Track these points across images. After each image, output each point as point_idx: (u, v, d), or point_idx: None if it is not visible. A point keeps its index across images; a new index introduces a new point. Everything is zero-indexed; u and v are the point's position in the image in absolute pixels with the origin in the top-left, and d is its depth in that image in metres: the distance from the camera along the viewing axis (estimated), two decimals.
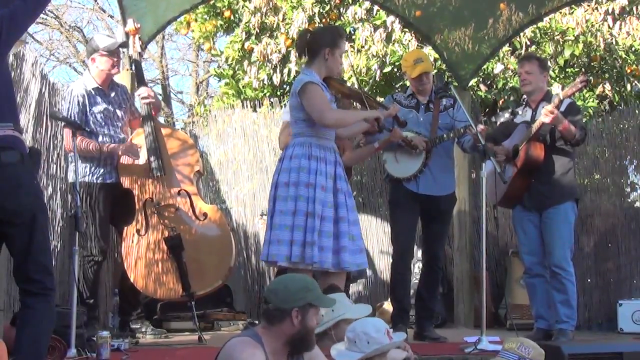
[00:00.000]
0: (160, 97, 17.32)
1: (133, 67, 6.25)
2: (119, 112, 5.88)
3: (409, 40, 9.03)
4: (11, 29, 3.85)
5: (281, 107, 8.49)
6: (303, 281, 3.69)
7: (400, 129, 5.69)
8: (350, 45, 9.21)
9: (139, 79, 6.14)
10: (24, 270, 3.82)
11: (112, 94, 5.87)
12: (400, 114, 5.62)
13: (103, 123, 5.76)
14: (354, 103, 5.62)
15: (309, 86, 4.88)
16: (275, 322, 3.56)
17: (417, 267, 6.97)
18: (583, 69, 9.24)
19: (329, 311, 4.14)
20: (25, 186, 3.79)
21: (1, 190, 3.70)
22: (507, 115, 6.05)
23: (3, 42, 3.85)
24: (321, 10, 9.49)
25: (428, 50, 8.45)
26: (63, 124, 5.66)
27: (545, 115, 5.54)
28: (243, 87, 10.21)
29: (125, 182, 5.83)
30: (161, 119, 15.42)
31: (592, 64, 9.31)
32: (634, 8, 9.32)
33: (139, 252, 5.82)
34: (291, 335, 3.55)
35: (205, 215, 5.93)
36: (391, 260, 6.05)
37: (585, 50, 9.13)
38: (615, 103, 9.28)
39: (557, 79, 9.12)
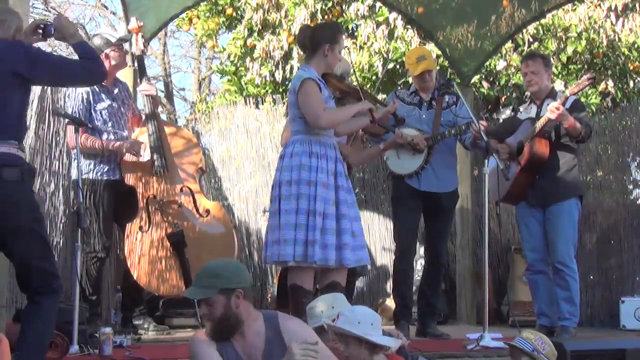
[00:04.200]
0: (162, 94, 17.43)
1: (136, 64, 6.26)
2: (122, 109, 5.89)
3: (412, 37, 9.03)
4: (42, 72, 4.03)
5: (283, 103, 8.49)
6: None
7: (399, 126, 5.70)
8: (353, 42, 9.21)
9: (141, 76, 6.15)
10: (27, 279, 3.90)
11: (116, 91, 5.87)
12: (401, 112, 5.62)
13: (107, 120, 5.76)
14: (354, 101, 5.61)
15: (306, 83, 4.87)
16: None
17: (419, 264, 6.97)
18: (586, 66, 9.23)
19: (328, 307, 4.15)
20: (25, 204, 3.90)
21: (1, 206, 3.80)
22: (508, 112, 6.05)
23: (31, 79, 4.01)
24: (323, 7, 9.49)
25: (430, 47, 8.44)
26: (66, 120, 5.67)
27: (551, 112, 5.53)
28: (245, 83, 10.21)
29: (129, 179, 5.84)
30: (163, 116, 15.44)
31: (595, 60, 9.29)
32: (637, 5, 9.31)
33: (142, 249, 5.84)
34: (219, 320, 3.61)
35: (207, 212, 5.94)
36: (393, 257, 6.05)
37: (588, 47, 9.12)
38: (617, 100, 9.26)
39: (560, 75, 9.11)
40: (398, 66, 8.98)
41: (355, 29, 9.57)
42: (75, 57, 4.17)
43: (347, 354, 3.66)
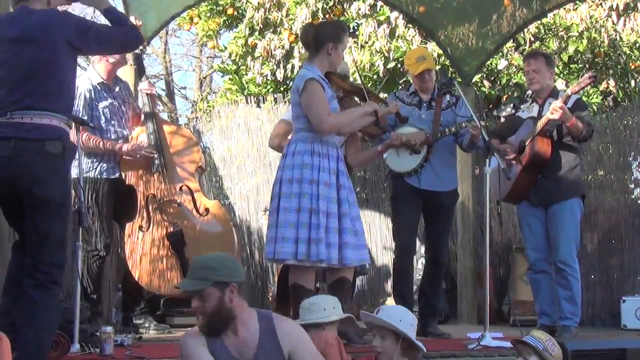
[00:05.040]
0: (164, 93, 17.42)
1: (135, 63, 6.25)
2: (123, 107, 5.89)
3: (413, 36, 9.03)
4: (91, 42, 4.07)
5: (285, 102, 8.49)
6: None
7: (401, 125, 5.70)
8: (354, 41, 9.20)
9: (141, 75, 6.15)
10: (35, 258, 3.87)
11: (117, 89, 5.87)
12: (401, 111, 5.62)
13: (108, 118, 5.76)
14: (356, 99, 5.60)
15: (309, 85, 4.86)
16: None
17: (420, 263, 6.97)
18: (587, 65, 9.23)
19: (332, 306, 4.17)
20: (58, 178, 3.92)
21: (37, 176, 3.83)
22: (509, 109, 6.04)
23: (78, 47, 4.03)
24: (325, 6, 9.49)
25: (432, 46, 8.44)
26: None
27: (552, 111, 5.52)
28: (246, 82, 10.22)
29: (129, 178, 5.84)
30: (165, 115, 15.44)
31: (596, 60, 9.29)
32: (638, 4, 9.30)
33: (143, 248, 5.83)
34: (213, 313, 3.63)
35: (207, 211, 5.93)
36: (394, 256, 6.04)
37: (590, 46, 9.12)
38: (619, 99, 9.27)
39: (561, 75, 9.11)
40: (399, 65, 8.97)
41: (356, 28, 9.56)
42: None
43: (380, 349, 3.68)
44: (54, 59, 3.93)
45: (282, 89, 9.77)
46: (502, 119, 6.52)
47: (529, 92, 6.17)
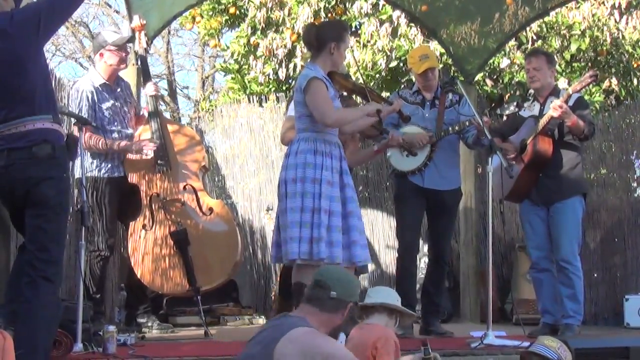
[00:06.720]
0: (166, 93, 17.43)
1: (139, 63, 6.25)
2: (125, 107, 5.89)
3: (415, 35, 9.02)
4: (49, 20, 4.01)
5: (287, 102, 8.49)
6: (356, 279, 3.75)
7: (404, 124, 5.70)
8: (356, 40, 9.20)
9: (144, 74, 6.15)
10: (30, 254, 3.94)
11: (118, 90, 5.88)
12: (404, 111, 5.62)
13: (111, 119, 5.77)
14: (358, 98, 5.60)
15: (313, 82, 4.86)
16: (330, 310, 3.53)
17: (423, 262, 6.97)
18: (589, 64, 9.22)
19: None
20: (51, 180, 3.98)
21: (30, 179, 3.93)
22: (512, 107, 6.04)
23: (41, 34, 4.01)
24: (327, 5, 9.48)
25: (434, 45, 8.44)
26: (73, 120, 5.68)
27: (554, 109, 5.52)
28: (249, 82, 10.22)
29: (132, 177, 5.84)
30: (167, 114, 15.45)
31: (599, 58, 9.28)
32: None
33: (146, 247, 5.84)
34: (336, 327, 3.56)
35: (211, 210, 5.93)
36: (397, 255, 6.04)
37: (592, 44, 9.10)
38: (621, 98, 9.26)
39: (564, 73, 9.10)
40: (401, 64, 8.97)
41: (358, 27, 9.56)
42: None
43: None
44: (18, 62, 3.94)
45: (284, 88, 9.77)
46: (505, 118, 6.52)
47: (531, 90, 6.17)
